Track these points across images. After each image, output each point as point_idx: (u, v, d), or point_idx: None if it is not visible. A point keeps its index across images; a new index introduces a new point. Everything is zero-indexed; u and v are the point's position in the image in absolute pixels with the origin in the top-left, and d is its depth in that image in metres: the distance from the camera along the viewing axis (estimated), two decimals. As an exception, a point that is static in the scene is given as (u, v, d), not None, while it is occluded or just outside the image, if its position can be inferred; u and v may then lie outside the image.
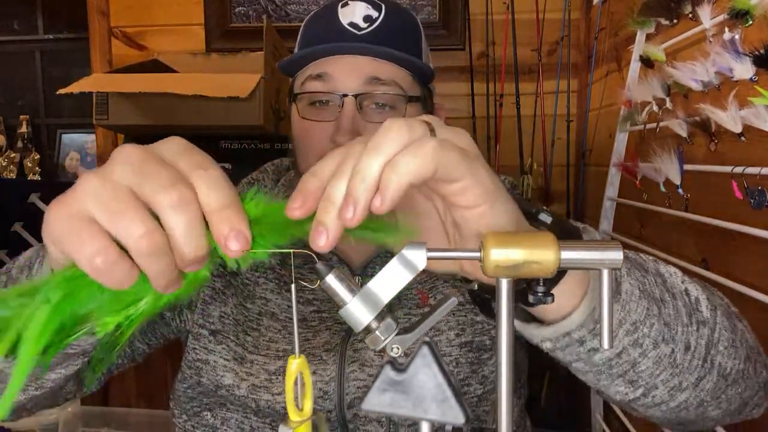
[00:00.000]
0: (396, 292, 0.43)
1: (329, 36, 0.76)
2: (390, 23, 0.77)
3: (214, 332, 0.80)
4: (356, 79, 0.75)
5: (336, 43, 0.75)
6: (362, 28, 0.76)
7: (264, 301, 0.81)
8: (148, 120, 1.69)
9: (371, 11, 0.77)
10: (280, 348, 0.78)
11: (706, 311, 0.56)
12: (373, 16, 0.77)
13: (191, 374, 0.81)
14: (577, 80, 2.03)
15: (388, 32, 0.77)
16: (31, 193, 1.66)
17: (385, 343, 0.44)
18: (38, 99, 2.81)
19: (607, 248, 0.40)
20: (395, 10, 0.80)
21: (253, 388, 0.76)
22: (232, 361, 0.78)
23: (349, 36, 0.75)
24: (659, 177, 1.14)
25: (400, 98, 0.76)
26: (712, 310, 0.57)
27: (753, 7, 0.85)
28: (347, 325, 0.80)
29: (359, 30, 0.76)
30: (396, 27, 0.78)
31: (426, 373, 0.34)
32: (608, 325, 0.41)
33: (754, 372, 0.60)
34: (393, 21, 0.78)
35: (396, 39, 0.77)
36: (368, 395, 0.34)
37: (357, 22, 0.76)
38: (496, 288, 0.40)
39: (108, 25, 2.26)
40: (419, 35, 0.82)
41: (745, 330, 0.61)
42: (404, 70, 0.77)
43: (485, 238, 0.40)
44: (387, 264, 0.42)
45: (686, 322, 0.55)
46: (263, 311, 0.80)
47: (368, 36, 0.75)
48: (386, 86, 0.75)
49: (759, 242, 0.87)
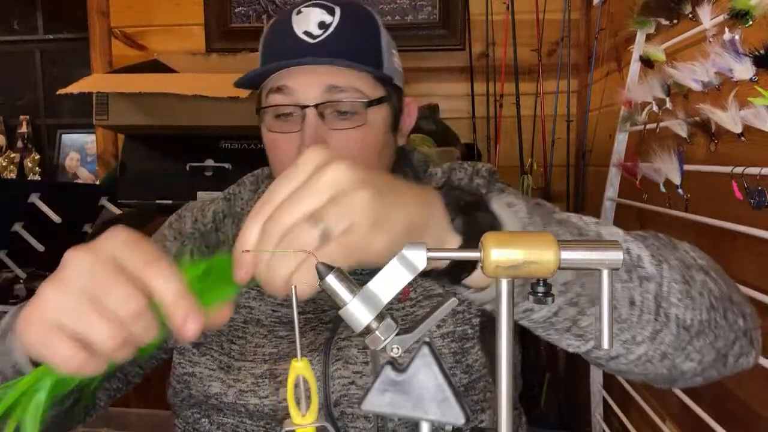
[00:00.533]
0: (396, 292, 0.43)
1: (284, 47, 0.76)
2: (344, 26, 0.76)
3: (197, 345, 0.82)
4: (314, 90, 0.75)
5: (291, 56, 0.75)
6: (316, 35, 0.75)
7: (248, 309, 0.82)
8: (148, 120, 1.69)
9: (325, 16, 0.76)
10: (267, 351, 0.79)
11: (649, 267, 0.57)
12: (326, 21, 0.76)
13: (181, 388, 0.82)
14: (577, 80, 2.03)
15: (343, 37, 0.76)
16: (31, 193, 1.65)
17: (385, 343, 0.44)
18: (38, 99, 2.81)
19: (607, 248, 0.40)
20: (350, 11, 0.79)
21: (240, 393, 0.77)
22: (218, 370, 0.79)
23: (304, 46, 0.75)
24: (659, 177, 1.14)
25: (361, 104, 0.76)
26: (656, 265, 0.58)
27: (753, 7, 0.85)
28: (332, 324, 0.80)
29: (313, 38, 0.75)
30: (351, 29, 0.77)
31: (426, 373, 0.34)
32: (608, 325, 0.41)
33: (724, 320, 0.61)
34: (348, 24, 0.77)
35: (352, 42, 0.77)
36: (368, 395, 0.34)
37: (311, 30, 0.75)
38: (497, 288, 0.40)
39: (108, 25, 2.26)
40: (378, 33, 0.81)
41: (707, 280, 0.61)
42: (363, 73, 0.77)
43: (485, 238, 0.40)
44: (387, 264, 0.42)
45: (625, 278, 0.56)
46: (248, 319, 0.81)
47: (322, 44, 0.75)
48: (345, 93, 0.75)
49: (759, 242, 0.87)
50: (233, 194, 0.92)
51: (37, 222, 1.67)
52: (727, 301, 0.62)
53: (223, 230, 0.88)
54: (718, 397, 1.02)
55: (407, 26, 2.08)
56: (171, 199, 1.74)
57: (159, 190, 1.77)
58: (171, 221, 0.92)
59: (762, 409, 0.90)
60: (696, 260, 0.63)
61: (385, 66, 0.79)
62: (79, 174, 2.72)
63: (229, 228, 0.88)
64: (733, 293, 0.63)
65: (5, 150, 2.76)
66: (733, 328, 0.61)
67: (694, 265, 0.62)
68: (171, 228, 0.90)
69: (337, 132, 0.75)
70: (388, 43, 0.82)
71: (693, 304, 0.58)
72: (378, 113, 0.78)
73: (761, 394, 0.90)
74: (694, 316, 0.58)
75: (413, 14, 2.10)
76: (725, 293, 0.62)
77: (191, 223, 0.90)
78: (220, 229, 0.89)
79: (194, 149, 1.74)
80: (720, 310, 0.60)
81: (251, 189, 0.91)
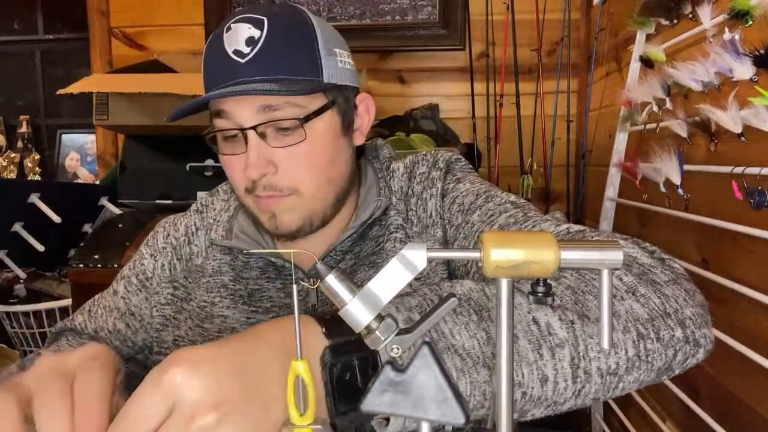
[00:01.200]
0: (396, 292, 0.43)
1: (217, 69, 0.75)
2: (273, 40, 0.73)
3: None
4: (249, 111, 0.73)
5: (223, 78, 0.73)
6: (245, 54, 0.73)
7: (222, 318, 0.82)
8: (148, 120, 1.69)
9: (253, 31, 0.73)
10: None
11: (561, 331, 0.54)
12: (255, 36, 0.73)
13: None
14: (577, 80, 2.03)
15: (272, 51, 0.73)
16: (31, 193, 1.65)
17: (385, 343, 0.44)
18: (38, 99, 2.81)
19: (607, 248, 0.40)
20: (279, 21, 0.75)
21: None
22: None
23: (233, 66, 0.73)
24: (659, 177, 1.14)
25: (298, 120, 0.73)
26: (568, 327, 0.54)
27: (753, 7, 0.85)
28: None
29: (243, 57, 0.73)
30: (280, 41, 0.74)
31: (426, 374, 0.34)
32: (608, 324, 0.41)
33: (657, 343, 0.57)
34: (276, 36, 0.74)
35: (282, 55, 0.74)
36: (368, 395, 0.34)
37: (240, 48, 0.73)
38: (496, 288, 0.40)
39: (108, 25, 2.26)
40: (311, 38, 0.76)
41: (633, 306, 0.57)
42: (298, 85, 0.73)
43: (484, 238, 0.40)
44: (387, 264, 0.42)
45: (533, 358, 0.53)
46: (223, 328, 0.82)
47: (252, 62, 0.72)
48: (280, 111, 0.73)
49: (759, 242, 0.87)
50: (205, 205, 0.93)
51: (37, 222, 1.67)
52: (660, 319, 0.58)
53: (196, 242, 0.89)
54: (718, 397, 1.02)
55: (407, 26, 2.08)
56: (171, 199, 1.74)
57: (159, 190, 1.77)
58: (147, 239, 0.93)
59: (762, 409, 0.90)
60: (622, 281, 0.59)
61: (324, 71, 0.75)
62: (79, 174, 2.72)
63: (201, 240, 0.89)
64: (668, 302, 0.59)
65: (5, 150, 2.76)
66: (671, 343, 0.58)
67: (618, 295, 0.58)
68: (147, 246, 0.92)
69: (280, 150, 0.74)
70: (327, 44, 0.77)
71: (616, 348, 0.55)
72: (320, 123, 0.76)
73: (761, 394, 0.90)
74: (619, 358, 0.55)
75: (413, 14, 2.10)
76: (657, 310, 0.58)
77: (163, 238, 0.91)
78: (192, 242, 0.90)
79: (194, 149, 1.73)
80: (651, 334, 0.57)
81: (224, 198, 0.92)
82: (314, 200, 0.77)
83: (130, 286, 0.90)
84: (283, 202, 0.75)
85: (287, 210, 0.76)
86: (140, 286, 0.89)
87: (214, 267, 0.85)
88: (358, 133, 0.83)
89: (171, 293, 0.87)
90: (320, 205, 0.78)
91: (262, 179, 0.74)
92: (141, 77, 1.74)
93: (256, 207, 0.77)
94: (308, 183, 0.75)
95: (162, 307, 0.86)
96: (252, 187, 0.75)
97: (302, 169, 0.75)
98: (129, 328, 0.88)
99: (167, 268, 0.89)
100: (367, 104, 0.84)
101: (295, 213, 0.76)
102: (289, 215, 0.76)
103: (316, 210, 0.77)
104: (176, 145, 1.76)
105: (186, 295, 0.86)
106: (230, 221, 0.87)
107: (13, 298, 1.98)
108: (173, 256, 0.89)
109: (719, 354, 0.99)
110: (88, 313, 0.91)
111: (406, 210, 0.84)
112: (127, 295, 0.89)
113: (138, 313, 0.89)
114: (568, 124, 1.94)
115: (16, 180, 2.58)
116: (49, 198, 1.67)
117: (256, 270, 0.84)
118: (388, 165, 0.89)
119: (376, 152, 0.92)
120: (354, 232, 0.80)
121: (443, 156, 0.88)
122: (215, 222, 0.89)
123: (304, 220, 0.77)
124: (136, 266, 0.91)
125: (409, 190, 0.85)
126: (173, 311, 0.86)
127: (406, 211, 0.84)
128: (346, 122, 0.80)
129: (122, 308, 0.89)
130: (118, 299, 0.90)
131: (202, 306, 0.84)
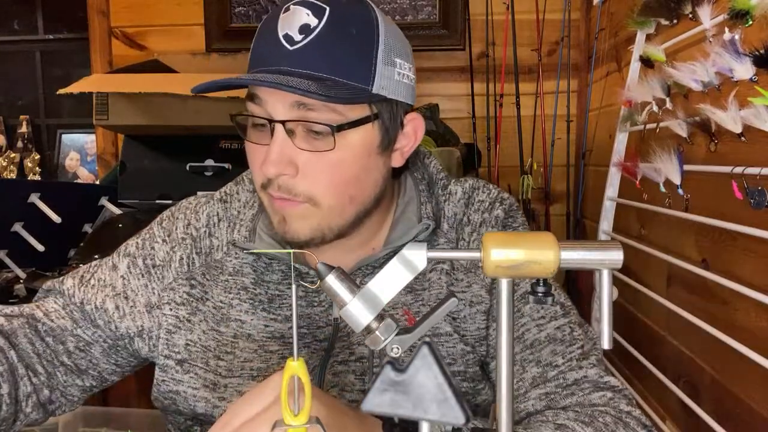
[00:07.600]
0: (396, 292, 0.43)
1: (263, 51, 0.70)
2: (329, 33, 0.67)
3: (181, 361, 0.79)
4: (283, 105, 0.68)
5: (267, 63, 0.69)
6: (296, 41, 0.67)
7: (239, 323, 0.79)
8: (148, 120, 1.69)
9: (310, 18, 0.67)
10: (255, 366, 0.77)
11: None
12: (311, 25, 0.67)
13: (169, 404, 0.80)
14: (577, 80, 2.03)
15: (325, 45, 0.67)
16: (31, 193, 1.65)
17: (385, 343, 0.44)
18: (38, 99, 2.81)
19: (607, 248, 0.40)
20: (343, 13, 0.69)
21: None
22: (203, 389, 0.77)
23: (280, 53, 0.68)
24: (659, 177, 1.14)
25: (331, 127, 0.67)
26: None
27: (753, 7, 0.85)
28: (327, 344, 0.78)
29: (292, 44, 0.67)
30: (335, 37, 0.68)
31: (426, 374, 0.34)
32: (608, 325, 0.41)
33: None
34: (334, 29, 0.68)
35: (333, 52, 0.68)
36: (368, 396, 0.34)
37: (292, 34, 0.67)
38: (497, 288, 0.40)
39: (108, 25, 2.26)
40: (372, 41, 0.69)
41: None
42: (341, 89, 0.67)
43: (485, 238, 0.40)
44: (387, 264, 0.42)
45: None
46: (239, 333, 0.78)
47: (300, 52, 0.67)
48: (315, 112, 0.67)
49: (759, 242, 0.87)
50: (230, 194, 0.87)
51: (37, 222, 1.66)
52: None
53: (217, 235, 0.84)
54: (718, 397, 1.02)
55: (407, 26, 2.08)
56: (171, 199, 1.74)
57: (159, 190, 1.77)
58: (162, 219, 0.87)
59: (762, 409, 0.90)
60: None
61: (376, 80, 0.69)
62: (79, 174, 2.72)
63: (223, 232, 0.83)
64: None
65: (5, 150, 2.76)
66: None
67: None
68: (161, 227, 0.86)
69: (305, 153, 0.69)
70: (388, 51, 0.70)
71: None
72: (356, 135, 0.69)
73: (761, 394, 0.90)
74: None
75: (413, 14, 2.10)
76: None
77: (183, 227, 0.85)
78: (213, 234, 0.84)
79: (194, 149, 1.73)
80: None
81: (249, 189, 0.86)
82: (331, 214, 0.71)
83: (134, 267, 0.83)
84: (296, 208, 0.70)
85: (299, 217, 0.71)
86: (145, 270, 0.83)
87: (235, 266, 0.81)
88: (398, 153, 0.76)
89: (187, 292, 0.81)
90: (337, 220, 0.72)
91: (279, 179, 0.69)
92: (141, 77, 1.74)
93: (269, 205, 0.73)
94: (326, 196, 0.70)
95: (177, 307, 0.81)
96: (267, 184, 0.71)
97: (323, 180, 0.69)
98: (117, 310, 0.81)
99: (185, 263, 0.82)
100: (415, 125, 0.77)
101: (307, 222, 0.71)
102: (300, 223, 0.71)
103: (332, 224, 0.72)
104: (176, 145, 1.76)
105: (202, 295, 0.81)
106: (254, 220, 0.82)
107: (13, 298, 1.98)
108: (192, 249, 0.83)
109: (719, 354, 1.00)
110: (80, 279, 0.84)
111: (457, 239, 0.80)
112: (128, 276, 0.83)
113: (132, 298, 0.82)
114: (568, 124, 1.94)
115: (16, 180, 2.57)
116: (49, 198, 1.66)
117: (278, 273, 0.80)
118: (445, 185, 0.83)
119: (419, 163, 0.86)
120: (392, 251, 0.76)
121: (509, 200, 0.84)
122: (239, 217, 0.83)
123: (315, 231, 0.72)
124: (146, 247, 0.84)
125: (465, 217, 0.81)
126: (188, 312, 0.81)
127: (457, 240, 0.80)
128: (387, 140, 0.73)
129: (118, 288, 0.82)
130: (116, 277, 0.83)
131: (219, 307, 0.80)
